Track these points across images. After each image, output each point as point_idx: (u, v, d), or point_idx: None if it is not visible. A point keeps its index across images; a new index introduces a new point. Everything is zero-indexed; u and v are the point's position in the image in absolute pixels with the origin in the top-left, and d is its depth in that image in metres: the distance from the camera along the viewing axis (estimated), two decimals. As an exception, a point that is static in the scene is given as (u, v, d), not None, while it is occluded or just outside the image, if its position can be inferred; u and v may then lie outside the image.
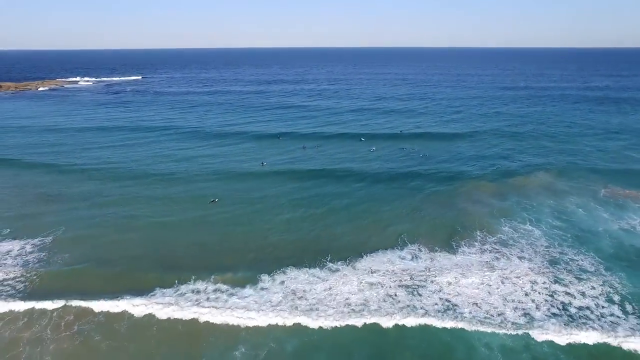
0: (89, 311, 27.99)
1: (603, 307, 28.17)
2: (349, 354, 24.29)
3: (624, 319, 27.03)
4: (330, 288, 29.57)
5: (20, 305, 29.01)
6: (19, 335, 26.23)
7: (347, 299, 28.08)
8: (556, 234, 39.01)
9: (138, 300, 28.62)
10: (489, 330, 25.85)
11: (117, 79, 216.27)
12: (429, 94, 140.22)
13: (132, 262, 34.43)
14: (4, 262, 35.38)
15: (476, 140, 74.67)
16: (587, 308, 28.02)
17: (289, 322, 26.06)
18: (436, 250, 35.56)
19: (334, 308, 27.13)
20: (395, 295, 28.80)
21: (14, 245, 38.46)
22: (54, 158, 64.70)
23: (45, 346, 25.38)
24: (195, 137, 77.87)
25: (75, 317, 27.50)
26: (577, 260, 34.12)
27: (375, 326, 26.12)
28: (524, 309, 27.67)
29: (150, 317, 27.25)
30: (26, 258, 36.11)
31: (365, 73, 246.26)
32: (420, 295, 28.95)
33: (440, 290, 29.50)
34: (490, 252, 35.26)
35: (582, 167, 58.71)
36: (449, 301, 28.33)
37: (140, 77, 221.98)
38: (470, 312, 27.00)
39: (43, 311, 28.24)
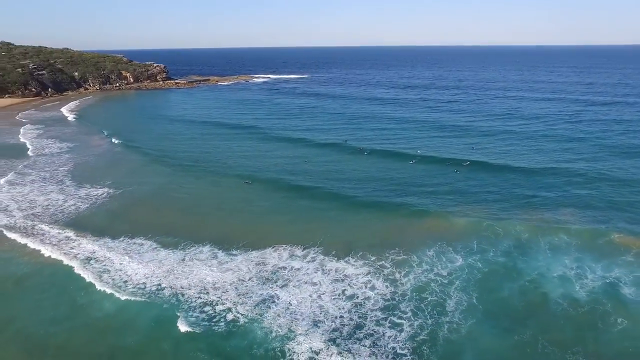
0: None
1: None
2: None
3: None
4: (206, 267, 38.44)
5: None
6: None
7: (202, 279, 36.21)
8: (473, 267, 38.10)
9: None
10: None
11: (288, 76, 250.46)
12: (593, 114, 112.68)
13: (129, 214, 50.86)
14: (83, 200, 56.15)
15: (545, 177, 62.05)
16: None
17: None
18: (330, 255, 39.99)
19: (181, 279, 36.33)
20: (242, 280, 36.00)
21: (102, 191, 59.49)
22: (153, 143, 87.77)
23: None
24: (270, 140, 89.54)
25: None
26: (446, 296, 34.07)
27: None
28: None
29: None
30: (96, 200, 56.23)
31: (538, 82, 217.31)
32: (261, 285, 35.36)
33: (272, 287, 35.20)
34: (371, 266, 37.99)
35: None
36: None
37: (308, 75, 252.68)
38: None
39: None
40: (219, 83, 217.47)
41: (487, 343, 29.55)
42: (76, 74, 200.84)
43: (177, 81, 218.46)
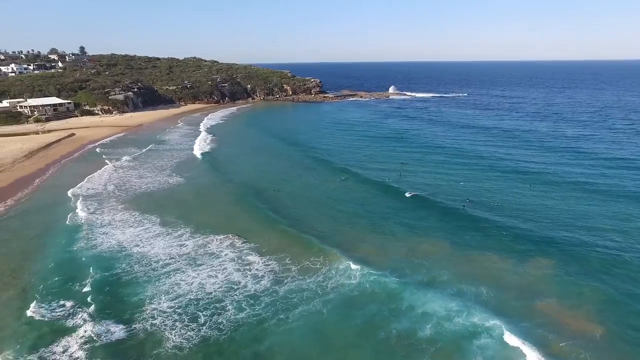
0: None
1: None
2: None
3: None
4: (164, 242, 50.90)
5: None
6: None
7: (152, 249, 48.72)
8: (360, 286, 40.75)
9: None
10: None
11: (428, 95, 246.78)
12: None
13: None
14: (157, 185, 76.19)
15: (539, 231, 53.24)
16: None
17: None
18: (256, 251, 47.67)
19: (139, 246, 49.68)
20: (176, 255, 47.27)
21: (175, 180, 78.47)
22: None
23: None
24: (319, 162, 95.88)
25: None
26: (305, 302, 38.65)
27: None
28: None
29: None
30: (165, 186, 75.04)
31: None
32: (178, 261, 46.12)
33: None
34: (280, 267, 44.45)
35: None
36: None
37: (453, 95, 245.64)
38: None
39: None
40: (361, 98, 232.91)
41: (288, 341, 33.92)
42: (249, 86, 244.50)
43: (325, 95, 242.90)
